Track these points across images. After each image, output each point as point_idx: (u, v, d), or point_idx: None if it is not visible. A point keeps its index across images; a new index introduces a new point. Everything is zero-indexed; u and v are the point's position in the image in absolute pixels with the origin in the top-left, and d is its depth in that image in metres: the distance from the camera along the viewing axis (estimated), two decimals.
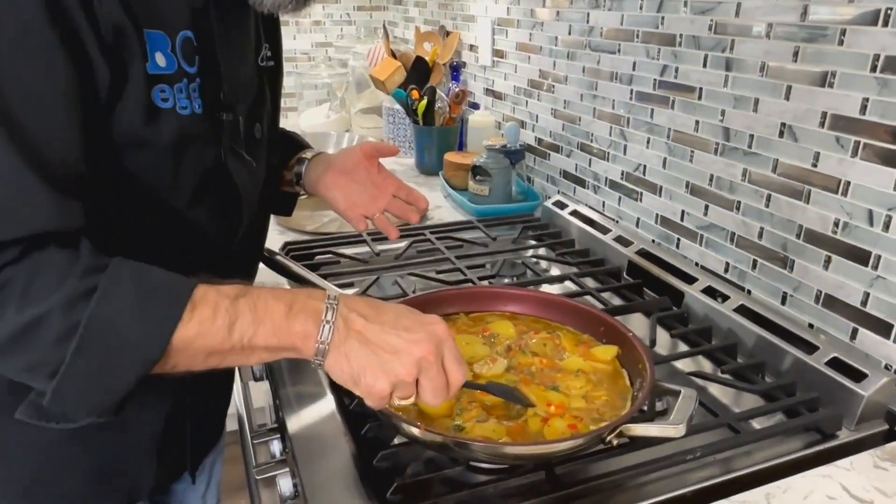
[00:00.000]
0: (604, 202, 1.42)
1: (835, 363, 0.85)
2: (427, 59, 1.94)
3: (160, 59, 0.62)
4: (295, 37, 2.59)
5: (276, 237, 1.39)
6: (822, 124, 0.90)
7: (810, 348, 0.88)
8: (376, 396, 0.61)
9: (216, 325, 0.57)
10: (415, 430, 0.67)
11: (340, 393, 0.86)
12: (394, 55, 1.96)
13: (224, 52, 0.70)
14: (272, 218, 1.41)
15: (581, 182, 1.50)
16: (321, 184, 0.98)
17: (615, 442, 0.68)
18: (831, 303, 0.93)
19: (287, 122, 2.46)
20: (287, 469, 0.81)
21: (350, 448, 0.78)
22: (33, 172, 0.54)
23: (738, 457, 0.77)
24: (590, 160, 1.45)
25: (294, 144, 1.04)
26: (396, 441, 0.76)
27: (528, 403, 0.74)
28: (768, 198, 1.01)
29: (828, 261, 0.92)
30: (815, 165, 0.92)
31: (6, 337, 0.54)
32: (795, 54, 0.93)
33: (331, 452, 0.77)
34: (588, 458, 0.74)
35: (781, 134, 0.97)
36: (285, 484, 0.78)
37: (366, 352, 0.60)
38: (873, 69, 0.83)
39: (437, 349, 0.62)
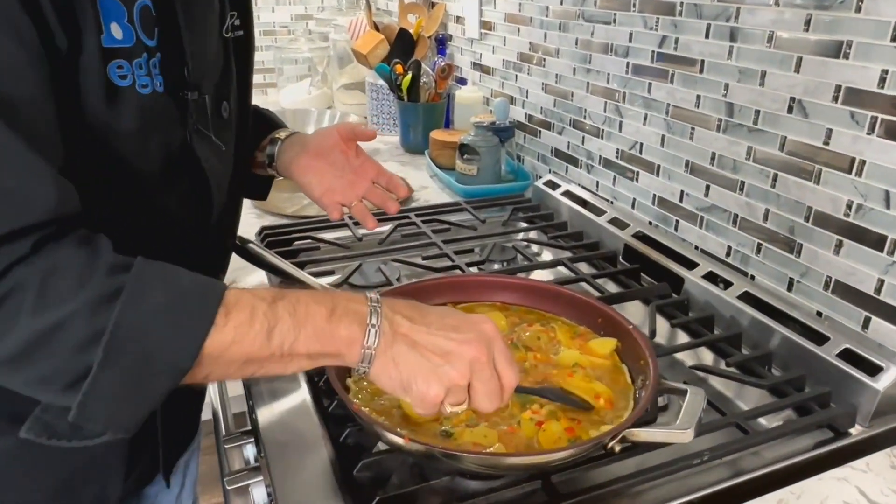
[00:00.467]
0: (598, 182, 1.36)
1: (847, 355, 0.80)
2: (411, 31, 1.87)
3: (116, 31, 0.55)
4: (273, 9, 2.50)
5: (253, 221, 1.32)
6: (835, 99, 0.84)
7: (820, 339, 0.83)
8: (429, 403, 0.57)
9: (254, 330, 0.53)
10: (398, 440, 0.61)
11: (318, 393, 0.80)
12: (376, 27, 1.89)
13: (187, 23, 0.63)
14: (250, 202, 1.36)
15: (574, 161, 1.43)
16: (295, 167, 0.91)
17: (617, 448, 0.62)
18: (842, 290, 0.88)
19: (267, 99, 2.40)
20: (261, 477, 0.75)
21: (329, 454, 0.72)
22: (29, 148, 0.48)
23: (746, 458, 0.72)
24: (583, 138, 1.38)
25: (267, 123, 0.97)
26: (380, 446, 0.70)
27: (587, 406, 0.69)
28: (774, 178, 0.95)
29: (839, 245, 0.87)
30: (826, 143, 0.86)
31: (20, 345, 0.47)
32: (807, 23, 0.86)
33: (308, 459, 0.71)
34: (587, 465, 0.68)
35: (790, 109, 0.90)
36: (259, 494, 0.73)
37: (415, 356, 0.56)
38: (894, 38, 0.76)
39: (488, 349, 0.58)
